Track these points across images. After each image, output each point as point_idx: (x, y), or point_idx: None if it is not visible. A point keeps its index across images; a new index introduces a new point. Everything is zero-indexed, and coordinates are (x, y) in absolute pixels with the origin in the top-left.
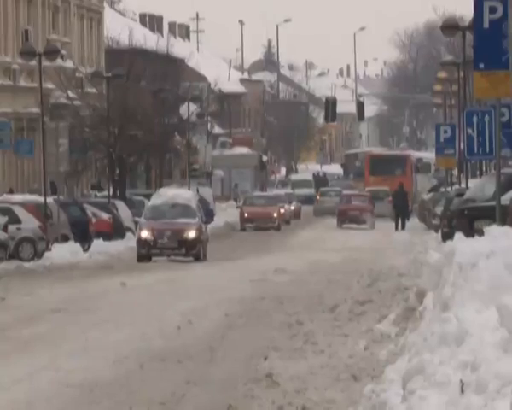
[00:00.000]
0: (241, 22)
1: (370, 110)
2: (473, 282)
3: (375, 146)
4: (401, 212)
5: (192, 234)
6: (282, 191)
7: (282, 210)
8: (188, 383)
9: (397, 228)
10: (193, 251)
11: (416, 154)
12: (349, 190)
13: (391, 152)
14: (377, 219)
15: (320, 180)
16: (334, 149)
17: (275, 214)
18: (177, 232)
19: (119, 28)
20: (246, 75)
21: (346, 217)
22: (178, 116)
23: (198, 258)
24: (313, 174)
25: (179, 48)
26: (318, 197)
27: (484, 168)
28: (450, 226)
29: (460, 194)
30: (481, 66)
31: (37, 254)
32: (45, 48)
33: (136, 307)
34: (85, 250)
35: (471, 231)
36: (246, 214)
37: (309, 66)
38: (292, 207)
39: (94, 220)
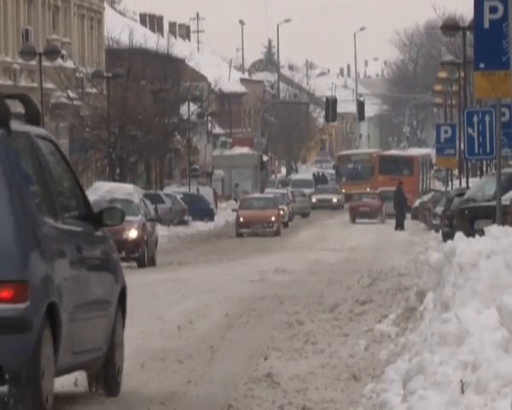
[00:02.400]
0: (242, 22)
1: (371, 110)
2: (473, 282)
3: (374, 146)
4: (399, 212)
5: (133, 234)
6: (277, 191)
7: (282, 212)
8: (188, 383)
9: (397, 227)
10: (134, 254)
11: (423, 151)
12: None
13: (399, 153)
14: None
15: (320, 180)
16: (335, 149)
17: (273, 218)
18: (114, 233)
19: (120, 28)
20: (246, 75)
21: (357, 213)
22: (178, 116)
23: (141, 263)
24: (313, 174)
25: (179, 48)
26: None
27: (484, 168)
28: (451, 226)
29: (460, 194)
30: (481, 66)
31: None
32: (45, 48)
33: (136, 307)
34: None
35: (471, 231)
36: (241, 219)
37: (309, 66)
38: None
39: None
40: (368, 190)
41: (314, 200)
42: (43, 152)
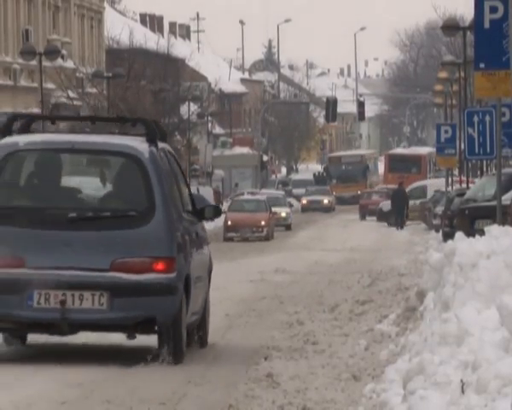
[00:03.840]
0: (242, 22)
1: (371, 110)
2: (473, 282)
3: (374, 147)
4: (399, 211)
5: None
6: (277, 192)
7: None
8: (188, 383)
9: (397, 227)
10: None
11: (429, 149)
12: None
13: (408, 151)
14: None
15: (321, 180)
16: (335, 149)
17: (263, 222)
18: None
19: (120, 28)
20: (246, 75)
21: (367, 210)
22: (179, 116)
23: None
24: (314, 174)
25: (180, 48)
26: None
27: (484, 168)
28: (451, 226)
29: (461, 194)
30: (482, 65)
31: None
32: (46, 48)
33: None
34: None
35: (472, 231)
36: (229, 222)
37: (309, 65)
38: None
39: None
40: (359, 192)
41: (304, 201)
42: (172, 162)
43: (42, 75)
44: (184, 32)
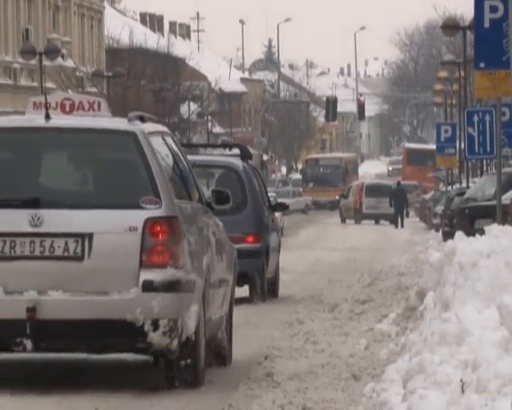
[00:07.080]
0: (242, 21)
1: (371, 109)
2: (473, 281)
3: (374, 147)
4: (399, 210)
5: None
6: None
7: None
8: None
9: (397, 226)
10: None
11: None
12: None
13: (425, 146)
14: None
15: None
16: (335, 149)
17: None
18: None
19: (120, 27)
20: (246, 74)
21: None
22: (179, 116)
23: None
24: None
25: (180, 47)
26: None
27: (484, 168)
28: (451, 225)
29: (461, 193)
30: (482, 65)
31: None
32: (46, 47)
33: None
34: None
35: (472, 230)
36: None
37: (309, 65)
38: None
39: None
40: (337, 197)
41: None
42: (256, 174)
43: (42, 74)
44: (184, 31)
